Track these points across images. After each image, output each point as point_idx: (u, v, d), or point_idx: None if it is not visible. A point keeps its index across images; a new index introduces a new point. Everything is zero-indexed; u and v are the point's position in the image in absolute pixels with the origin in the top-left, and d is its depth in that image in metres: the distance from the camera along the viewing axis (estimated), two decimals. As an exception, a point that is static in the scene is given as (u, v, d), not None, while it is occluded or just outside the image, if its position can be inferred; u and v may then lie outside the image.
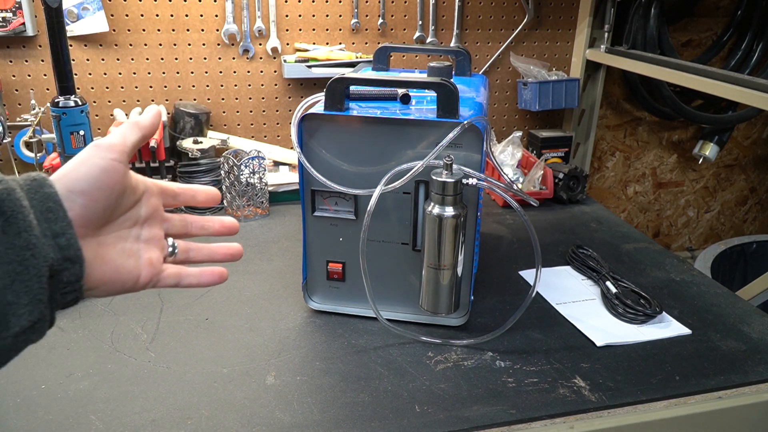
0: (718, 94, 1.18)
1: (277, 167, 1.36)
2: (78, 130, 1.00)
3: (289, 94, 1.46)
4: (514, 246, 1.12)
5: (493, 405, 0.70)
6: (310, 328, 0.85)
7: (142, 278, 0.48)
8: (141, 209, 0.49)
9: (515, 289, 0.96)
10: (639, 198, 1.89)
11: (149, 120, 0.49)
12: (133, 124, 0.48)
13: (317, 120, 0.78)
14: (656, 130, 1.80)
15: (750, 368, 0.77)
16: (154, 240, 0.50)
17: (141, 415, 0.68)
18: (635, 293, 0.92)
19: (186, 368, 0.76)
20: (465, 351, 0.80)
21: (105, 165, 0.44)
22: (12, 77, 1.29)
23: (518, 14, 1.53)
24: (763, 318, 0.88)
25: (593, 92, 1.63)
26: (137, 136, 0.48)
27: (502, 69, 1.58)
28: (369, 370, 0.76)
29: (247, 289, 0.95)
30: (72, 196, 0.42)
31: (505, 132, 1.60)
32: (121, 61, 1.34)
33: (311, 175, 0.78)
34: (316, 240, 0.85)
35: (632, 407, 0.71)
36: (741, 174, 1.94)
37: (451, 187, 0.73)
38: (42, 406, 0.69)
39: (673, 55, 1.55)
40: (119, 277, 0.46)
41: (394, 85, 0.79)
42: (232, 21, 1.35)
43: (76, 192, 0.42)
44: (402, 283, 0.85)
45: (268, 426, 0.67)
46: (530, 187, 1.31)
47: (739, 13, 1.64)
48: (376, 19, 1.44)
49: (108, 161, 0.44)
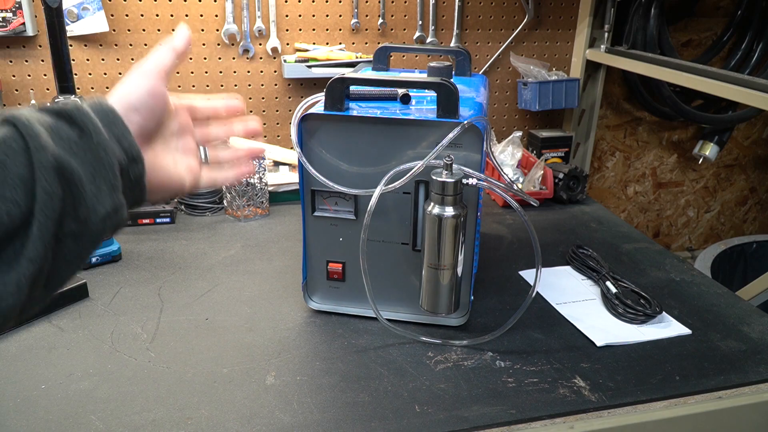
0: (718, 94, 1.18)
1: (277, 167, 1.36)
2: (78, 130, 1.00)
3: (289, 94, 1.46)
4: (514, 246, 1.12)
5: (493, 405, 0.70)
6: (310, 328, 0.85)
7: (186, 183, 0.56)
8: (175, 123, 0.56)
9: (515, 289, 0.96)
10: (639, 198, 1.89)
11: (182, 42, 0.55)
12: (170, 48, 0.54)
13: (317, 120, 0.78)
14: (656, 130, 1.80)
15: (750, 368, 0.77)
16: (189, 149, 0.57)
17: (141, 415, 0.68)
18: (635, 293, 0.92)
19: (186, 368, 0.76)
20: (465, 351, 0.80)
21: (151, 88, 0.52)
22: (12, 77, 1.29)
23: (518, 14, 1.53)
24: (763, 318, 0.88)
25: (593, 92, 1.63)
26: (172, 60, 0.54)
27: (502, 69, 1.58)
28: (369, 370, 0.76)
29: (247, 289, 0.95)
30: (128, 114, 0.50)
31: (505, 132, 1.60)
32: (121, 61, 1.34)
33: (311, 175, 0.78)
34: (316, 240, 0.85)
35: (632, 407, 0.71)
36: (741, 174, 1.94)
37: (451, 187, 0.73)
38: (42, 406, 0.69)
39: (673, 55, 1.55)
40: (170, 182, 0.54)
41: (394, 85, 0.79)
42: (232, 21, 1.35)
43: (132, 110, 0.50)
44: (402, 283, 0.85)
45: (268, 426, 0.67)
46: (530, 187, 1.31)
47: (739, 13, 1.65)
48: (376, 19, 1.44)
49: (153, 85, 0.52)
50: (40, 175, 0.41)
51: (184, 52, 0.55)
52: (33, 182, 0.41)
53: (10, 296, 0.41)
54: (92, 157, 0.44)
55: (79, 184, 0.43)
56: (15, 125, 0.42)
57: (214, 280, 0.97)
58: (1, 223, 0.39)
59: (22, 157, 0.41)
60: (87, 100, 0.48)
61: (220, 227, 1.17)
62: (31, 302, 0.43)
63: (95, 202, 0.44)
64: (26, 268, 0.41)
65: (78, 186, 0.43)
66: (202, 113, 0.60)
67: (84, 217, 0.44)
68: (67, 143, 0.44)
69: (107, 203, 0.45)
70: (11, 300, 0.41)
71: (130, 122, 0.49)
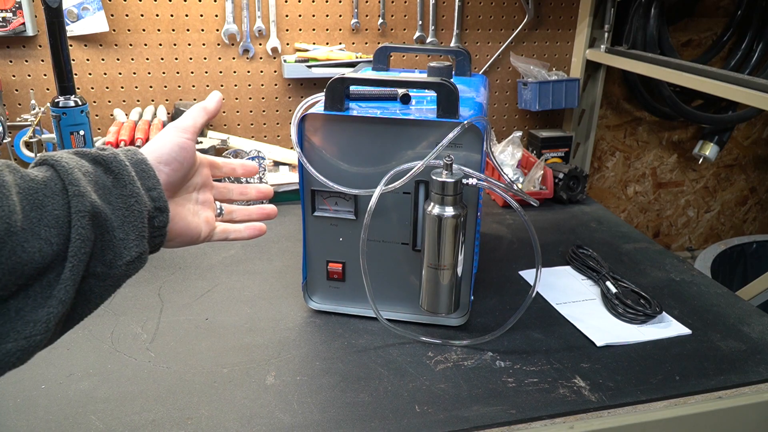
0: (718, 94, 1.18)
1: (277, 167, 1.36)
2: (78, 130, 1.00)
3: (289, 94, 1.46)
4: (514, 246, 1.12)
5: (493, 405, 0.70)
6: (310, 328, 0.85)
7: (202, 233, 0.60)
8: (198, 177, 0.61)
9: (515, 289, 0.96)
10: (639, 198, 1.89)
11: (214, 104, 0.61)
12: (201, 108, 0.59)
13: (317, 120, 0.78)
14: (656, 130, 1.80)
15: (750, 368, 0.77)
16: (207, 203, 0.62)
17: (141, 415, 0.68)
18: (635, 293, 0.92)
19: (186, 368, 0.76)
20: (465, 351, 0.80)
21: (182, 143, 0.56)
22: (12, 77, 1.29)
23: (518, 14, 1.53)
24: (763, 318, 0.88)
25: (593, 92, 1.63)
26: (204, 119, 0.59)
27: (502, 69, 1.58)
28: (369, 370, 0.76)
29: (247, 289, 0.95)
30: (159, 166, 0.53)
31: (505, 132, 1.60)
32: (121, 61, 1.34)
33: (311, 175, 0.78)
34: (316, 240, 0.85)
35: (632, 407, 0.71)
36: (741, 174, 1.94)
37: (451, 187, 0.73)
38: (42, 406, 0.69)
39: (673, 55, 1.55)
40: (188, 232, 0.58)
41: (394, 85, 0.79)
42: (232, 21, 1.35)
43: (162, 162, 0.54)
44: (402, 283, 0.85)
45: (268, 426, 0.67)
46: (530, 187, 1.31)
47: (739, 13, 1.64)
48: (376, 19, 1.44)
49: (184, 140, 0.56)
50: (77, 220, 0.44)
51: (215, 112, 0.61)
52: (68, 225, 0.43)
53: (39, 334, 0.43)
54: (123, 205, 0.48)
55: (110, 229, 0.46)
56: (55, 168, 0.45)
57: (214, 280, 0.97)
58: (33, 260, 0.42)
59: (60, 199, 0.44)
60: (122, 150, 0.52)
61: (220, 227, 1.17)
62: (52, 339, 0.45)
63: (122, 247, 0.47)
64: (56, 308, 0.43)
65: (109, 232, 0.46)
66: (221, 171, 0.65)
67: (110, 261, 0.47)
68: (102, 190, 0.47)
69: (133, 249, 0.48)
70: (39, 338, 0.43)
71: (159, 173, 0.52)
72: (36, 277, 0.42)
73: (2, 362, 0.42)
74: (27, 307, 0.42)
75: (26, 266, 0.41)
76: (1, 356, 0.41)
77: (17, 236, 0.41)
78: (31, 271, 0.42)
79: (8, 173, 0.43)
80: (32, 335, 0.42)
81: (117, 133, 1.19)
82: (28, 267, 0.41)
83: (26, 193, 0.43)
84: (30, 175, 0.44)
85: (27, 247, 0.41)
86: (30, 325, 0.42)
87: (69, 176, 0.45)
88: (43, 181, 0.44)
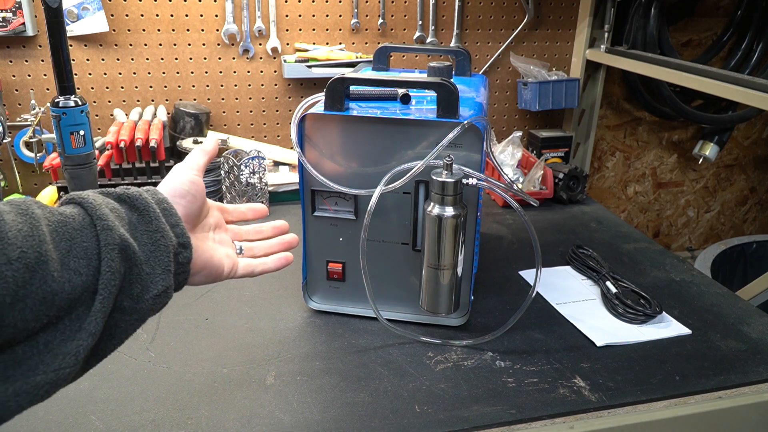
0: (718, 94, 1.18)
1: (277, 167, 1.36)
2: (78, 130, 1.00)
3: (289, 94, 1.46)
4: (514, 246, 1.12)
5: (493, 405, 0.70)
6: (310, 328, 0.85)
7: (225, 269, 0.61)
8: (211, 218, 0.63)
9: (515, 289, 0.96)
10: (639, 198, 1.89)
11: (211, 146, 0.63)
12: (201, 150, 0.62)
13: (317, 120, 0.78)
14: (656, 130, 1.80)
15: (750, 368, 0.77)
16: (225, 242, 0.64)
17: (141, 415, 0.68)
18: (635, 293, 0.92)
19: (186, 368, 0.76)
20: (465, 351, 0.80)
21: (192, 178, 0.58)
22: (12, 77, 1.29)
23: (518, 14, 1.53)
24: (763, 318, 0.88)
25: (593, 92, 1.63)
26: (205, 159, 0.62)
27: (502, 69, 1.58)
28: (369, 370, 0.76)
29: (247, 289, 0.95)
30: (176, 199, 0.55)
31: (505, 132, 1.60)
32: (121, 61, 1.34)
33: (311, 175, 0.78)
34: (316, 240, 0.85)
35: (632, 407, 0.71)
36: (741, 174, 1.94)
37: (451, 187, 0.73)
38: (42, 406, 0.68)
39: (673, 55, 1.55)
40: (212, 266, 0.59)
41: (394, 85, 0.79)
42: (232, 21, 1.35)
43: (178, 196, 0.56)
44: (402, 283, 0.85)
45: (268, 426, 0.67)
46: (530, 187, 1.31)
47: (739, 13, 1.64)
48: (376, 19, 1.44)
49: (193, 176, 0.58)
50: (106, 253, 0.45)
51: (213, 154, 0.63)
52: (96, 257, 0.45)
53: (68, 367, 0.43)
54: (150, 240, 0.49)
55: (138, 263, 0.47)
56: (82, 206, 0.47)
57: (214, 280, 0.97)
58: (63, 290, 0.42)
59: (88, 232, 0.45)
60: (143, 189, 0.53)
61: (220, 227, 1.17)
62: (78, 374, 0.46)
63: (149, 281, 0.48)
64: (86, 341, 0.43)
65: (137, 265, 0.47)
66: (231, 215, 0.67)
67: (137, 295, 0.48)
68: (128, 225, 0.49)
69: (159, 284, 0.49)
70: (68, 371, 0.43)
71: (177, 206, 0.54)
72: (66, 309, 0.43)
73: (31, 395, 0.42)
74: (56, 340, 0.42)
75: (57, 296, 0.42)
76: (30, 389, 0.42)
77: (48, 265, 0.41)
78: (62, 302, 0.42)
79: (37, 207, 0.44)
80: (61, 368, 0.42)
81: (117, 133, 1.19)
82: (59, 297, 0.42)
83: (55, 225, 0.44)
84: (57, 210, 0.46)
85: (57, 277, 0.42)
86: (59, 358, 0.42)
87: (97, 211, 0.46)
88: (71, 215, 0.45)
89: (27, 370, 0.41)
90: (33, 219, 0.42)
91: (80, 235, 0.45)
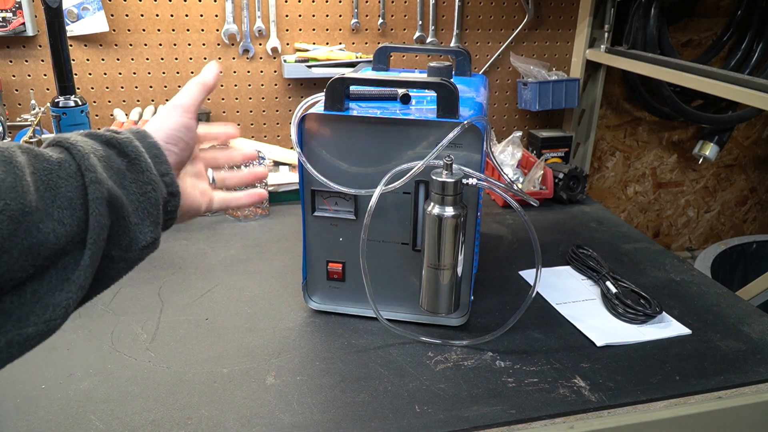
0: (718, 94, 1.18)
1: (277, 167, 1.36)
2: (78, 130, 1.00)
3: (289, 94, 1.46)
4: (514, 246, 1.12)
5: (493, 405, 0.70)
6: (310, 328, 0.85)
7: (203, 206, 0.59)
8: None
9: (515, 289, 0.96)
10: (639, 198, 1.89)
11: (212, 78, 0.59)
12: (200, 84, 0.57)
13: (317, 120, 0.78)
14: (656, 130, 1.80)
15: (750, 368, 0.77)
16: (200, 174, 0.61)
17: (141, 415, 0.68)
18: (635, 293, 0.92)
19: (186, 368, 0.76)
20: (465, 351, 0.80)
21: (186, 123, 0.55)
22: (12, 77, 1.29)
23: (518, 14, 1.53)
24: (763, 318, 0.88)
25: (593, 92, 1.63)
26: (203, 95, 0.58)
27: (502, 69, 1.58)
28: (369, 370, 0.76)
29: (247, 289, 0.95)
30: (169, 146, 0.53)
31: (505, 132, 1.60)
32: (121, 61, 1.34)
33: (311, 175, 0.78)
34: (316, 240, 0.85)
35: (632, 407, 0.71)
36: (741, 174, 1.94)
37: (451, 187, 0.73)
38: (42, 406, 0.69)
39: (673, 55, 1.55)
40: (192, 206, 0.58)
41: (394, 85, 0.79)
42: (232, 21, 1.35)
43: (171, 143, 0.53)
44: (402, 283, 0.85)
45: (268, 426, 0.67)
46: (530, 187, 1.31)
47: (739, 13, 1.65)
48: (376, 19, 1.44)
49: (187, 119, 0.55)
50: (95, 207, 0.44)
51: (213, 86, 0.59)
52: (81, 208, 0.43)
53: (58, 318, 0.43)
54: (139, 191, 0.48)
55: (126, 215, 0.46)
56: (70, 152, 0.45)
57: (214, 280, 0.97)
58: (48, 240, 0.41)
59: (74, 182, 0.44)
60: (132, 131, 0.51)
61: (220, 227, 1.17)
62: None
63: (137, 232, 0.47)
64: (75, 293, 0.43)
65: (124, 218, 0.46)
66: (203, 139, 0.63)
67: (125, 246, 0.47)
68: (116, 175, 0.47)
69: (148, 235, 0.48)
70: (58, 322, 0.43)
71: (169, 154, 0.52)
72: (52, 258, 0.42)
73: (23, 346, 0.42)
74: (43, 290, 0.42)
75: (42, 247, 0.41)
76: (22, 340, 0.42)
77: (32, 216, 0.41)
78: (47, 252, 0.42)
79: (21, 153, 0.43)
80: (52, 319, 0.42)
81: (117, 133, 1.19)
82: (44, 248, 0.41)
83: (40, 173, 0.43)
84: (44, 155, 0.44)
85: (42, 227, 0.41)
86: (49, 309, 0.42)
87: (85, 161, 0.44)
88: (57, 162, 0.44)
89: (17, 321, 0.42)
90: (17, 168, 0.41)
91: (66, 184, 0.43)
